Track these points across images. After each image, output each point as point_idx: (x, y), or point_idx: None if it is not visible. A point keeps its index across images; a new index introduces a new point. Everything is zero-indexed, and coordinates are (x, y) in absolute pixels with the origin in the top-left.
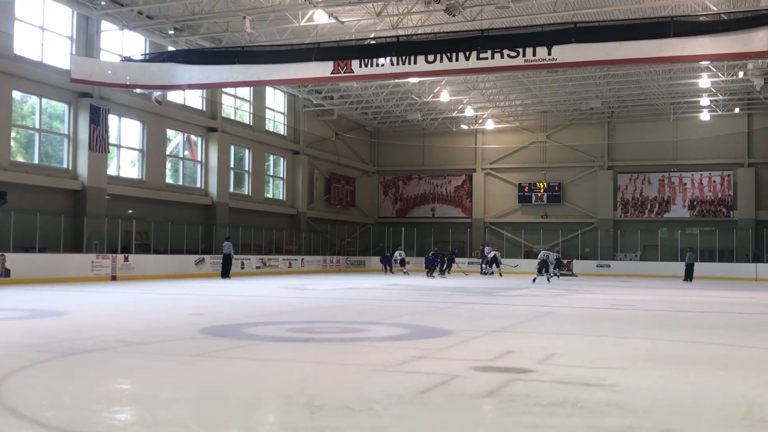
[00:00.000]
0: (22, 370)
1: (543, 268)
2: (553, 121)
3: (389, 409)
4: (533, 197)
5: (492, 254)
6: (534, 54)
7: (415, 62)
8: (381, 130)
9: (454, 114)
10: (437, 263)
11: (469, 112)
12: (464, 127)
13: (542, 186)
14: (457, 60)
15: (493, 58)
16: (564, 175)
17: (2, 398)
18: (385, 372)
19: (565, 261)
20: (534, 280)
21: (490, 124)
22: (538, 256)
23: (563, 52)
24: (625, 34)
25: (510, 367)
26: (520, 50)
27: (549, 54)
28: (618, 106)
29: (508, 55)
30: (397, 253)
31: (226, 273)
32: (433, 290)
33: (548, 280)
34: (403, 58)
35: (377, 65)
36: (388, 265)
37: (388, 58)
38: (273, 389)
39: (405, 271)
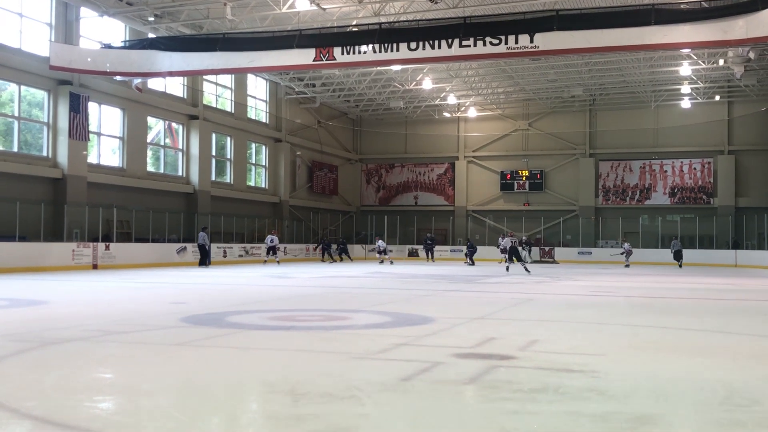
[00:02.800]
0: (1, 360)
1: (513, 255)
2: (535, 109)
3: (371, 396)
4: (515, 185)
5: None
6: (516, 42)
7: (397, 50)
8: (363, 117)
9: (437, 102)
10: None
11: (452, 99)
12: (447, 114)
13: (524, 174)
14: (439, 47)
15: (475, 45)
16: (546, 163)
17: None
18: (367, 359)
19: (547, 248)
20: (507, 269)
21: (472, 112)
22: (503, 244)
23: (545, 40)
24: (607, 22)
25: (492, 354)
26: (503, 38)
27: (531, 42)
28: (600, 94)
29: (491, 43)
30: (379, 243)
31: (203, 261)
32: (416, 278)
33: (526, 269)
34: (386, 45)
35: (359, 53)
36: (328, 253)
37: (370, 46)
38: (256, 377)
39: (389, 260)
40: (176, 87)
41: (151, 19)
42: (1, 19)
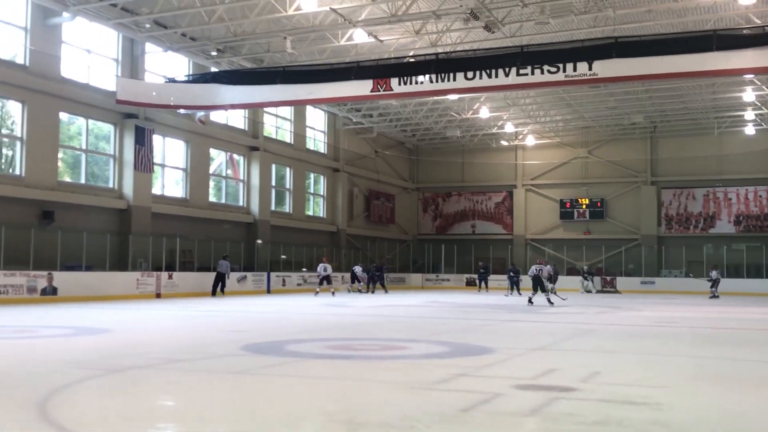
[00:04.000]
0: (68, 387)
1: (537, 285)
2: (594, 137)
3: (430, 427)
4: (575, 213)
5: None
6: (575, 69)
7: (454, 79)
8: (420, 147)
9: (494, 130)
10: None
11: (509, 128)
12: (504, 143)
13: (584, 202)
14: (496, 76)
15: (533, 73)
16: (606, 191)
17: (50, 415)
18: (425, 390)
19: (608, 278)
20: (530, 301)
21: (530, 140)
22: (529, 272)
23: (604, 67)
24: (667, 49)
25: (552, 386)
26: (561, 65)
27: (590, 69)
28: (660, 121)
29: (548, 71)
30: (319, 268)
31: (214, 290)
32: (474, 307)
33: (549, 300)
34: (442, 75)
35: (416, 83)
36: (380, 282)
37: (427, 76)
38: (314, 406)
39: (332, 290)
40: (238, 119)
41: (214, 53)
42: (70, 55)
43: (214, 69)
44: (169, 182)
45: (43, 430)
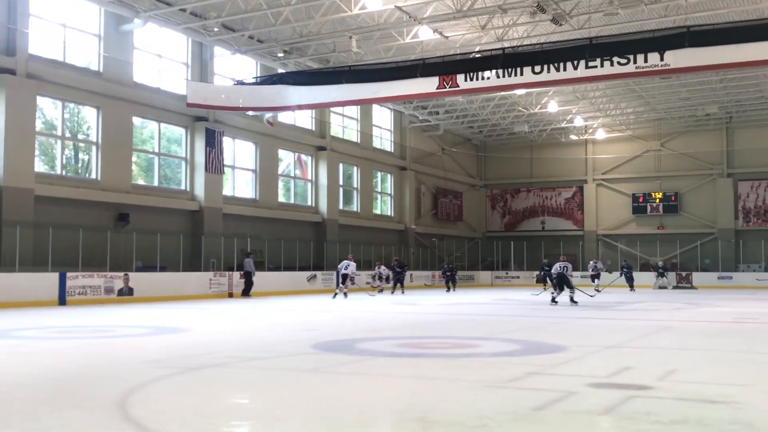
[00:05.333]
0: (146, 385)
1: (563, 283)
2: (667, 129)
3: (503, 426)
4: (648, 208)
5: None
6: (645, 60)
7: (521, 74)
8: (487, 143)
9: (563, 124)
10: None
11: (579, 121)
12: (573, 137)
13: (657, 196)
14: (564, 69)
15: (602, 66)
16: (680, 184)
17: (129, 412)
18: (497, 388)
19: (684, 273)
20: (554, 300)
21: (600, 134)
22: (553, 270)
23: (677, 57)
24: (741, 37)
25: (628, 384)
26: (631, 57)
27: (662, 60)
28: (736, 111)
29: (618, 63)
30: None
31: (247, 291)
32: (544, 305)
33: (572, 299)
34: (509, 70)
35: (483, 78)
36: (451, 281)
37: (493, 71)
38: (386, 405)
39: (343, 291)
40: (305, 120)
41: (281, 55)
42: (141, 60)
43: (281, 70)
44: (239, 183)
45: (123, 428)
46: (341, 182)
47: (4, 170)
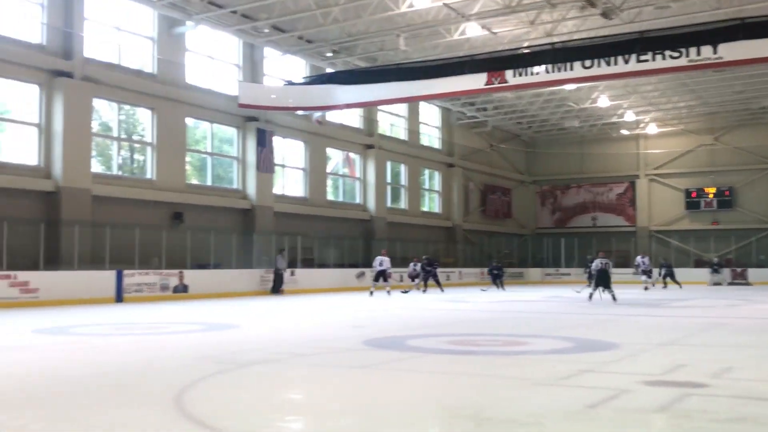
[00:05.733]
0: (201, 380)
1: (602, 281)
2: (720, 123)
3: (557, 423)
4: (702, 203)
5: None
6: (698, 53)
7: (571, 68)
8: (537, 139)
9: (614, 119)
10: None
11: (630, 116)
12: (625, 132)
13: (711, 191)
14: (615, 64)
15: (653, 59)
16: (735, 179)
17: (186, 408)
18: (549, 386)
19: (739, 269)
20: (591, 297)
21: (652, 128)
22: (593, 266)
23: (731, 50)
24: None
25: (683, 381)
26: (683, 50)
27: (715, 53)
28: None
29: (671, 56)
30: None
31: (276, 288)
32: (594, 303)
33: (613, 297)
34: (559, 65)
35: (532, 74)
36: (500, 281)
37: (543, 66)
38: (437, 401)
39: (387, 288)
40: (353, 118)
41: (329, 54)
42: (194, 62)
43: (329, 70)
44: (289, 182)
45: (181, 423)
46: (389, 180)
47: (62, 171)
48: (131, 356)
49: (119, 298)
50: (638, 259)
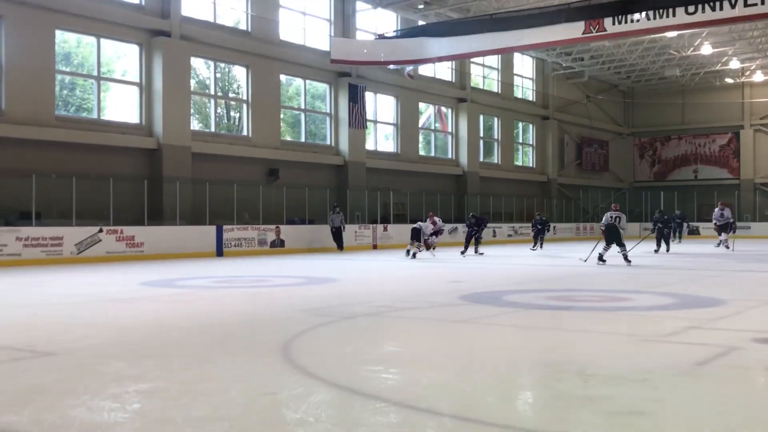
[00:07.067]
0: (306, 332)
1: (612, 237)
2: None
3: (665, 380)
4: None
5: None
6: None
7: (673, 15)
8: (635, 89)
9: (718, 67)
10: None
11: (735, 64)
12: (729, 80)
13: None
14: (721, 9)
15: (763, 3)
16: None
17: (293, 358)
18: (655, 342)
19: None
20: (601, 258)
21: (758, 76)
22: (603, 221)
23: None
24: None
25: None
26: None
27: None
28: None
29: None
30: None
31: (340, 245)
32: (697, 257)
33: (626, 257)
34: (660, 11)
35: (632, 21)
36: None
37: (643, 13)
38: (540, 357)
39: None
40: (445, 72)
41: (421, 6)
42: (286, 18)
43: (421, 23)
44: (381, 137)
45: (289, 373)
46: (482, 134)
47: (163, 129)
48: (237, 308)
49: (219, 252)
50: (716, 211)
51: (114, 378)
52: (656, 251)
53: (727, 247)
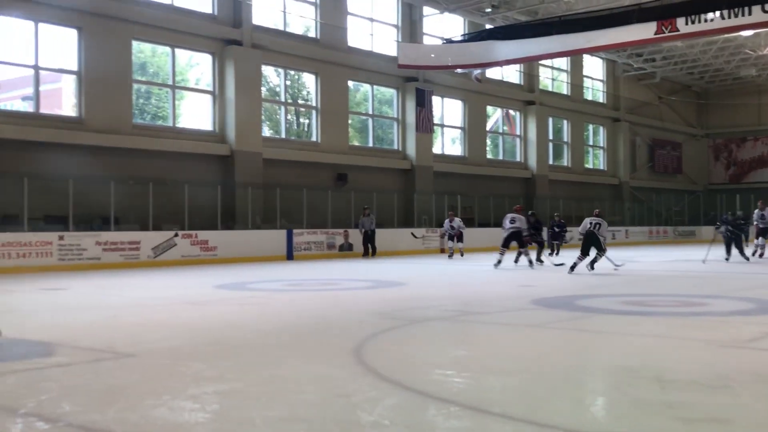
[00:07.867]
0: (377, 335)
1: (590, 244)
2: None
3: (746, 386)
4: None
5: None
6: None
7: (749, 13)
8: (709, 89)
9: None
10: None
11: None
12: None
13: None
14: None
15: None
16: None
17: (365, 361)
18: (734, 348)
19: None
20: (573, 267)
21: None
22: (580, 228)
23: None
24: None
25: None
26: None
27: None
28: None
29: None
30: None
31: (367, 251)
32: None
33: (592, 264)
34: (735, 10)
35: (706, 21)
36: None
37: (717, 12)
38: (615, 362)
39: (459, 250)
40: (513, 74)
41: (488, 10)
42: (354, 25)
43: (488, 26)
44: (448, 141)
45: (362, 375)
46: (551, 136)
47: (235, 136)
48: (308, 311)
49: (290, 255)
50: (756, 212)
51: (193, 379)
52: (727, 259)
53: (762, 256)
